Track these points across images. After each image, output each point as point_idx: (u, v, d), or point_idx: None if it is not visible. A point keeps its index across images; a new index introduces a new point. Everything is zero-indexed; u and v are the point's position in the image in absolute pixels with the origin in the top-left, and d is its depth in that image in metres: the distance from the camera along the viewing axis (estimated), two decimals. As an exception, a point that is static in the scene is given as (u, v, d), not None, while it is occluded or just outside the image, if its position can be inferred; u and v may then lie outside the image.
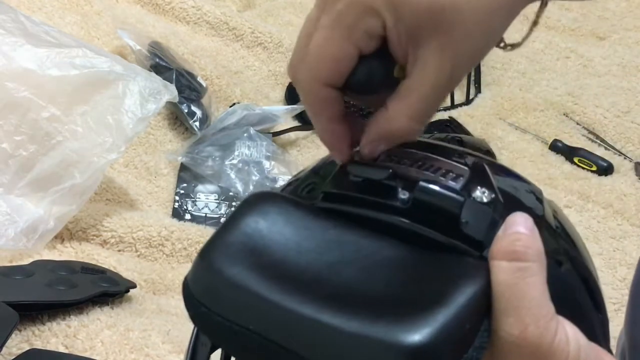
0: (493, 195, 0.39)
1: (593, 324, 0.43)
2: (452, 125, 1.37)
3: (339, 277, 0.37)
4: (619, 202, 1.22)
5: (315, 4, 0.43)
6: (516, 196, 0.42)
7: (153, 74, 1.06)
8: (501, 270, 0.35)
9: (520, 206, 0.41)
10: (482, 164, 0.42)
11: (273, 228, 0.39)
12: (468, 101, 1.45)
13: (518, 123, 1.39)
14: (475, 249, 0.38)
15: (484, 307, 0.35)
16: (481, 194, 0.39)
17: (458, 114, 1.41)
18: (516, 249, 0.35)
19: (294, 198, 0.42)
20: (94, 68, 0.95)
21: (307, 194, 0.43)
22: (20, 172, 0.92)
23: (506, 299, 0.35)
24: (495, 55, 1.56)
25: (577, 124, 1.40)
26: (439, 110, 1.43)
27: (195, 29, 1.47)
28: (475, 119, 1.40)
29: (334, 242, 0.38)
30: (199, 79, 1.29)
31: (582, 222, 1.18)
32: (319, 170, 0.46)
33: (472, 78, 1.49)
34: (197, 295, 0.37)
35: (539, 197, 0.44)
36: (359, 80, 0.43)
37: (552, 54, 1.58)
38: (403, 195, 0.39)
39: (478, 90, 1.49)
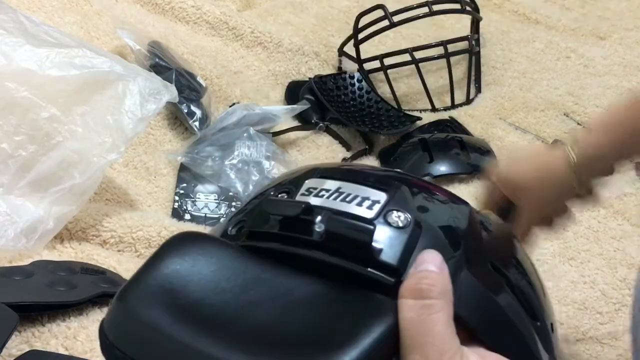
0: (409, 219, 0.40)
1: (524, 332, 0.43)
2: (453, 125, 1.37)
3: (253, 318, 0.37)
4: (619, 202, 1.22)
5: None
6: (438, 214, 0.44)
7: (153, 74, 1.05)
8: (407, 308, 0.37)
9: (441, 224, 0.42)
10: (402, 187, 0.43)
11: (193, 269, 0.39)
12: (468, 101, 1.45)
13: (518, 123, 1.39)
14: (390, 275, 0.39)
15: (392, 345, 0.36)
16: (397, 218, 0.40)
17: (458, 114, 1.41)
18: (421, 287, 0.37)
19: (218, 238, 0.43)
20: (94, 68, 0.95)
21: (236, 232, 0.44)
22: (20, 173, 0.92)
23: (412, 336, 0.36)
24: (495, 55, 1.56)
25: (578, 124, 1.40)
26: (439, 110, 1.43)
27: (195, 28, 1.47)
28: (476, 118, 1.40)
29: (252, 281, 0.39)
30: (198, 78, 1.29)
31: (583, 222, 1.18)
32: (247, 208, 0.47)
33: (473, 78, 1.49)
34: (112, 338, 0.38)
35: (463, 210, 0.45)
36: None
37: (552, 53, 1.58)
38: (318, 228, 0.40)
39: (478, 90, 1.49)
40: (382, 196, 0.42)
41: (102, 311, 0.83)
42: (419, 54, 1.40)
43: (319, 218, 0.40)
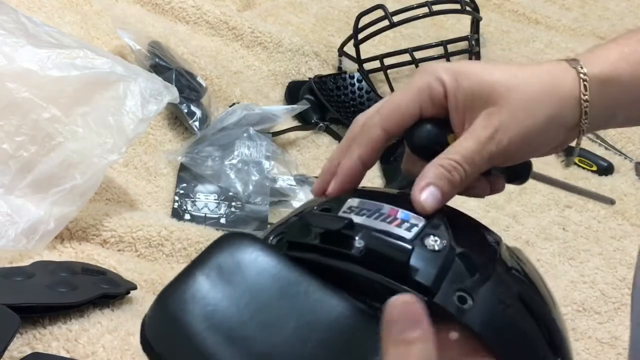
0: (445, 243, 0.42)
1: None
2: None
3: (275, 336, 0.39)
4: (619, 202, 1.22)
5: None
6: (471, 242, 0.45)
7: (154, 74, 1.05)
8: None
9: (473, 252, 0.44)
10: (439, 214, 0.45)
11: (235, 273, 0.41)
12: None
13: (518, 123, 1.39)
14: (424, 294, 0.40)
15: None
16: (433, 242, 0.43)
17: (458, 114, 1.41)
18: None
19: (266, 243, 0.45)
20: (95, 69, 0.95)
21: (277, 243, 0.46)
22: (20, 173, 0.92)
23: None
24: (495, 55, 1.56)
25: (577, 123, 1.40)
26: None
27: (195, 28, 1.47)
28: (476, 118, 1.40)
29: (287, 292, 0.41)
30: (198, 78, 1.28)
31: (583, 222, 1.18)
32: (289, 222, 0.49)
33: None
34: (150, 337, 0.41)
35: (495, 242, 0.47)
36: (415, 136, 0.49)
37: (552, 53, 1.58)
38: (358, 244, 0.42)
39: (478, 90, 1.48)
40: (420, 220, 0.44)
41: (102, 313, 0.83)
42: (419, 54, 1.40)
43: (359, 234, 0.42)
